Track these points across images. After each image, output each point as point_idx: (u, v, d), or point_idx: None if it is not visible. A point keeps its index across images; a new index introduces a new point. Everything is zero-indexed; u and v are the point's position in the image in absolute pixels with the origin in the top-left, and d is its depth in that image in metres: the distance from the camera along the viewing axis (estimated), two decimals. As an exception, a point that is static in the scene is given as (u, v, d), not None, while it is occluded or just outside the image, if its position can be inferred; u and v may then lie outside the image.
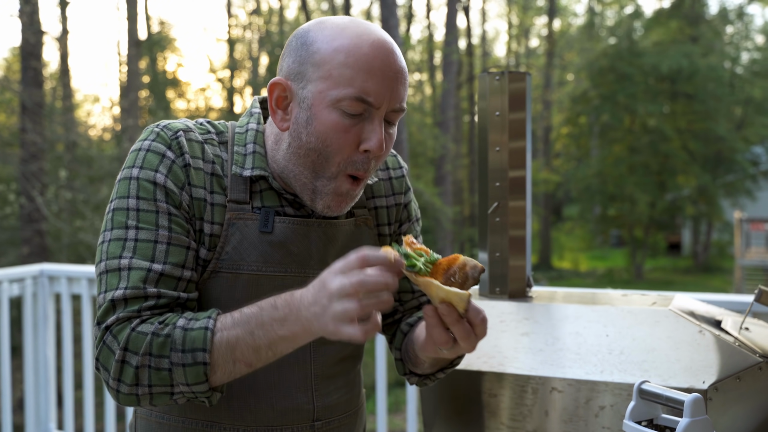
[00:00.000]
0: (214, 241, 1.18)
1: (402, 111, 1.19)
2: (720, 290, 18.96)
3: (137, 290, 1.11)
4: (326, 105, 1.14)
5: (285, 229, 1.21)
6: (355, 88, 1.12)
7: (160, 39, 21.35)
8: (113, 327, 1.10)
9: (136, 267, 1.12)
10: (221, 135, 1.25)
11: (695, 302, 1.62)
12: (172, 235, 1.14)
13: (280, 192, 1.23)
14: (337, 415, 1.29)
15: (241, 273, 1.18)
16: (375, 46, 1.14)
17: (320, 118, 1.14)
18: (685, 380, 1.35)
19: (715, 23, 24.30)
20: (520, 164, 1.70)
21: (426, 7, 27.46)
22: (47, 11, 30.45)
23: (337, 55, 1.13)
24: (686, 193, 21.97)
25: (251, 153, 1.22)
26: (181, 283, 1.15)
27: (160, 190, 1.15)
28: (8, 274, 3.30)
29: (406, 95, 1.19)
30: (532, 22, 30.91)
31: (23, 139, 11.96)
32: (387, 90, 1.14)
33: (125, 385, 1.10)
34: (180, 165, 1.17)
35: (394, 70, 1.15)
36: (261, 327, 1.07)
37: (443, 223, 17.25)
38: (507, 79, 1.67)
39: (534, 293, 1.74)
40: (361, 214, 1.31)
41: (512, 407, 1.49)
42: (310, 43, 1.16)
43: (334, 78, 1.13)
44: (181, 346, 1.07)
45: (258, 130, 1.25)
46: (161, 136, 1.18)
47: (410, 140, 16.66)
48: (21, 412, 3.67)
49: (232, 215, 1.19)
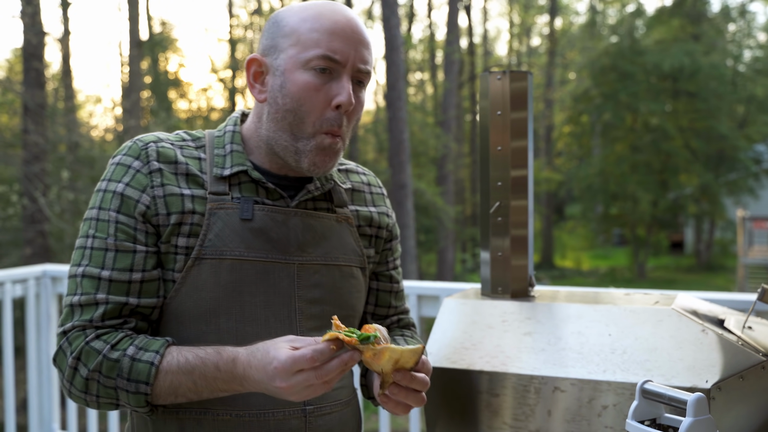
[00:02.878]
0: (196, 230, 1.26)
1: (368, 74, 1.30)
2: (723, 289, 18.93)
3: (88, 296, 1.22)
4: (298, 67, 1.25)
5: (264, 216, 1.29)
6: (322, 47, 1.24)
7: (161, 39, 21.36)
8: (70, 334, 1.21)
9: (88, 274, 1.23)
10: (198, 140, 1.35)
11: (698, 301, 1.61)
12: (117, 243, 1.24)
13: (259, 183, 1.31)
14: (329, 402, 1.33)
15: (225, 258, 1.25)
16: (339, 14, 1.27)
17: (293, 80, 1.25)
18: (688, 379, 1.35)
19: (717, 21, 24.26)
20: (522, 163, 1.70)
21: (427, 7, 27.44)
22: (49, 12, 30.52)
23: (304, 23, 1.26)
24: (689, 192, 21.94)
25: (230, 153, 1.32)
26: (133, 285, 1.23)
27: (116, 199, 1.25)
28: (11, 275, 3.31)
29: (371, 60, 1.30)
30: (534, 20, 30.89)
31: (25, 140, 11.97)
32: (351, 49, 1.25)
33: (76, 389, 1.21)
34: (145, 172, 1.26)
35: (357, 34, 1.27)
36: (203, 379, 1.17)
37: (445, 222, 17.24)
38: (508, 79, 1.67)
39: (536, 293, 1.74)
40: (342, 213, 1.39)
41: (515, 407, 1.49)
42: (280, 20, 1.29)
43: (303, 42, 1.25)
44: (127, 374, 1.18)
45: (235, 131, 1.36)
46: (132, 149, 1.29)
47: (412, 140, 16.64)
48: (24, 412, 3.68)
49: (213, 205, 1.27)
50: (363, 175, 1.51)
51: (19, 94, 12.64)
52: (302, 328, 1.30)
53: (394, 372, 1.13)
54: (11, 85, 15.12)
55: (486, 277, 1.72)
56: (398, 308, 1.54)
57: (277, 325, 1.27)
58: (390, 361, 1.11)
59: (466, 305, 1.64)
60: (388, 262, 1.51)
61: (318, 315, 1.32)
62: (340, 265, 1.36)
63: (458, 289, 2.58)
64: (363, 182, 1.49)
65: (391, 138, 13.24)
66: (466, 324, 1.60)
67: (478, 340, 1.55)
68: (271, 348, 1.11)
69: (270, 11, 23.77)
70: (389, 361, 1.11)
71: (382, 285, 1.50)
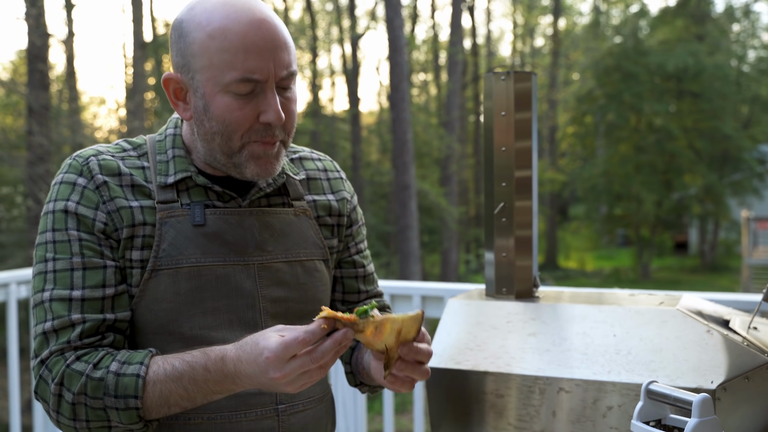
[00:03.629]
0: (149, 242, 1.22)
1: (292, 74, 1.22)
2: (727, 289, 18.89)
3: (62, 319, 1.16)
4: (217, 91, 1.17)
5: (217, 220, 1.25)
6: (238, 70, 1.15)
7: (165, 41, 21.39)
8: (48, 361, 1.16)
9: (57, 298, 1.17)
10: (139, 148, 1.30)
11: (703, 302, 1.61)
12: (85, 261, 1.19)
13: (207, 187, 1.27)
14: (301, 400, 1.30)
15: (182, 267, 1.22)
16: (247, 22, 1.16)
17: (215, 104, 1.18)
18: (693, 380, 1.35)
19: (721, 21, 24.22)
20: (527, 164, 1.70)
21: (431, 7, 27.42)
22: (53, 14, 30.55)
23: (212, 41, 1.16)
24: (693, 192, 21.90)
25: (172, 158, 1.28)
26: (106, 301, 1.19)
27: (72, 218, 1.21)
28: (16, 276, 3.31)
29: (292, 60, 1.21)
30: (537, 21, 30.85)
31: (30, 141, 11.99)
32: (269, 63, 1.17)
33: (64, 417, 1.15)
34: (92, 188, 1.22)
35: (272, 42, 1.17)
36: (194, 383, 1.12)
37: (449, 223, 17.24)
38: (513, 79, 1.67)
39: (541, 293, 1.74)
40: (300, 206, 1.35)
41: (519, 408, 1.49)
42: (186, 34, 1.19)
43: (216, 65, 1.16)
44: (114, 391, 1.13)
45: (176, 134, 1.31)
46: (73, 166, 1.24)
47: (415, 140, 16.64)
48: (29, 413, 3.69)
49: (163, 214, 1.23)
50: (318, 161, 1.45)
51: (24, 95, 12.67)
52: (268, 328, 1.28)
53: (400, 346, 1.07)
54: (16, 86, 15.16)
55: (490, 278, 1.72)
56: (369, 292, 1.49)
57: (242, 327, 1.24)
58: (393, 334, 1.06)
59: (470, 306, 1.64)
60: (349, 248, 1.46)
61: (283, 313, 1.29)
62: (302, 261, 1.32)
63: (462, 290, 2.58)
64: (319, 168, 1.44)
65: (394, 139, 13.25)
66: (470, 325, 1.60)
67: (483, 341, 1.55)
68: (260, 339, 1.06)
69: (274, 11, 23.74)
70: (392, 334, 1.06)
71: (346, 272, 1.46)
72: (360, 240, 1.48)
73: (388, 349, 1.07)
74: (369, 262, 1.51)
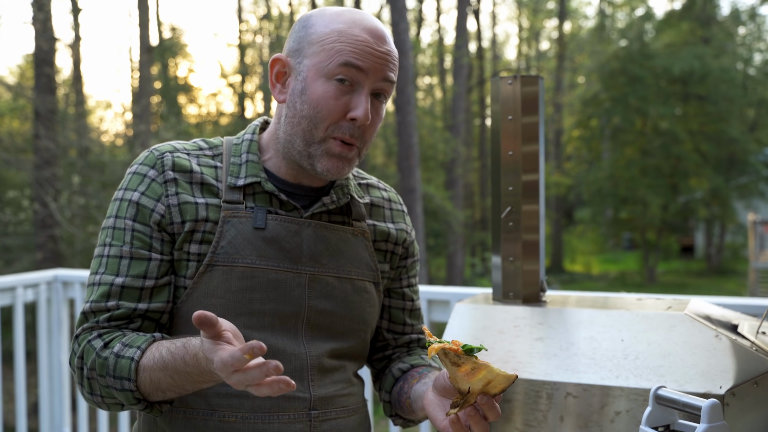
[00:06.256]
0: (208, 237, 1.27)
1: (391, 85, 1.29)
2: (734, 293, 18.81)
3: (99, 303, 1.24)
4: (320, 76, 1.25)
5: (277, 226, 1.29)
6: (346, 55, 1.23)
7: (171, 45, 21.47)
8: (79, 336, 1.25)
9: (103, 282, 1.25)
10: (215, 149, 1.36)
11: (711, 306, 1.60)
12: (133, 251, 1.26)
13: (273, 194, 1.31)
14: (335, 408, 1.32)
15: (236, 266, 1.26)
16: (366, 29, 1.26)
17: (313, 88, 1.25)
18: (702, 385, 1.34)
19: (726, 24, 24.17)
20: (533, 168, 1.69)
21: (436, 11, 27.47)
22: (60, 18, 30.73)
23: (331, 34, 1.25)
24: (699, 196, 21.83)
25: (245, 162, 1.33)
26: (144, 291, 1.25)
27: (132, 208, 1.27)
28: (22, 279, 3.32)
29: (395, 72, 1.29)
30: (543, 24, 30.86)
31: (36, 145, 12.05)
32: (375, 64, 1.25)
33: (85, 391, 1.24)
34: (160, 181, 1.28)
35: (382, 49, 1.26)
36: (177, 374, 1.15)
37: (454, 226, 17.23)
38: (519, 83, 1.67)
39: (548, 298, 1.73)
40: (359, 226, 1.39)
41: (526, 413, 1.48)
42: (310, 26, 1.28)
43: (327, 51, 1.24)
44: (113, 372, 1.19)
45: (253, 140, 1.36)
46: (148, 158, 1.31)
47: (421, 144, 16.64)
48: (35, 416, 3.69)
49: (227, 213, 1.28)
50: (384, 191, 1.51)
51: (31, 99, 12.73)
52: (306, 338, 1.30)
53: (481, 394, 1.08)
54: (22, 90, 15.23)
55: (497, 282, 1.72)
56: (414, 327, 1.53)
57: (282, 333, 1.28)
58: (482, 381, 1.07)
59: (477, 310, 1.64)
60: (401, 279, 1.50)
61: (326, 326, 1.32)
62: (353, 279, 1.36)
63: (469, 294, 2.57)
64: (383, 198, 1.49)
65: (400, 142, 13.25)
66: (477, 329, 1.60)
67: (490, 346, 1.54)
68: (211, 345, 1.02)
69: (279, 16, 23.85)
70: (481, 381, 1.06)
71: (394, 302, 1.50)
72: (413, 275, 1.53)
73: (470, 392, 1.08)
74: (418, 297, 1.55)
